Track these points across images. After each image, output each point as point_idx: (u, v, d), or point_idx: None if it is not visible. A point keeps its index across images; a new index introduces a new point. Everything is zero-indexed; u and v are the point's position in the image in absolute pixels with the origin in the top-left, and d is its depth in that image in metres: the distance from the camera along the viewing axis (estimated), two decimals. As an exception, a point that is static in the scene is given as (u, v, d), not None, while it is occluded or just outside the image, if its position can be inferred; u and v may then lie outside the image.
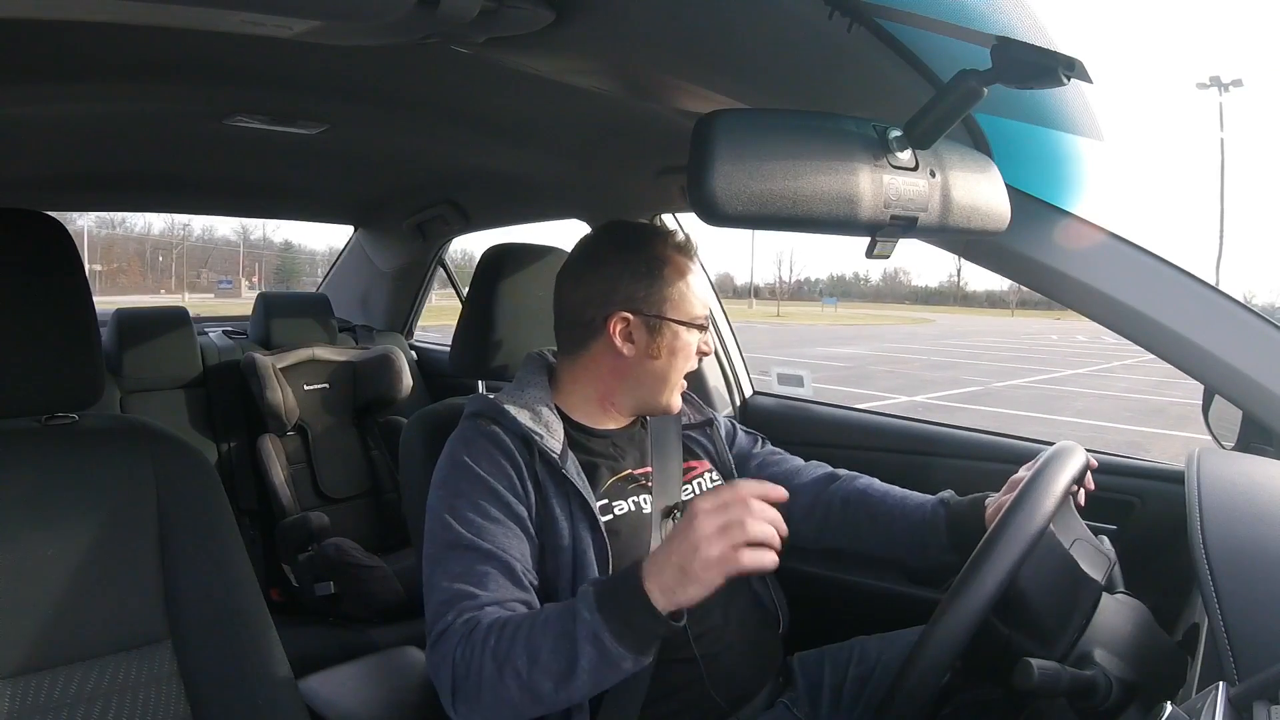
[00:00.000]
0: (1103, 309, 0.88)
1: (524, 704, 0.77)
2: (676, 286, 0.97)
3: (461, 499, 0.89)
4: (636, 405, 1.02)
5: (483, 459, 0.91)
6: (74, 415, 0.82)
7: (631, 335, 0.97)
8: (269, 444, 1.99)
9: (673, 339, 0.97)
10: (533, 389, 0.99)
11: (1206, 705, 0.52)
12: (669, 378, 0.99)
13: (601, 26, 0.79)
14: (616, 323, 0.96)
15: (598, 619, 0.74)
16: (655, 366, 0.98)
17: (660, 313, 0.96)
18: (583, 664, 0.74)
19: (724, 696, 0.95)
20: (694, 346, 0.99)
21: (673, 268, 0.98)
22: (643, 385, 0.99)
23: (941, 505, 1.01)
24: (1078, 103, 0.76)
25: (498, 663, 0.76)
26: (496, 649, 0.77)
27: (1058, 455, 0.85)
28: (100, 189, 1.99)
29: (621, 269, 0.97)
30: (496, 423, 0.94)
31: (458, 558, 0.86)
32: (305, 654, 1.06)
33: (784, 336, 20.10)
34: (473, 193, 2.05)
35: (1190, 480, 0.79)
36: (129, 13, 0.71)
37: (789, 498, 1.09)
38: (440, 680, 0.80)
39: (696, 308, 0.99)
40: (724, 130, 0.62)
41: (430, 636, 0.83)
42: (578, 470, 0.94)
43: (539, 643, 0.76)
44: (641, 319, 0.96)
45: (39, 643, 0.73)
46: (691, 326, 0.98)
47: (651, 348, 0.97)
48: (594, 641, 0.73)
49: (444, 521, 0.88)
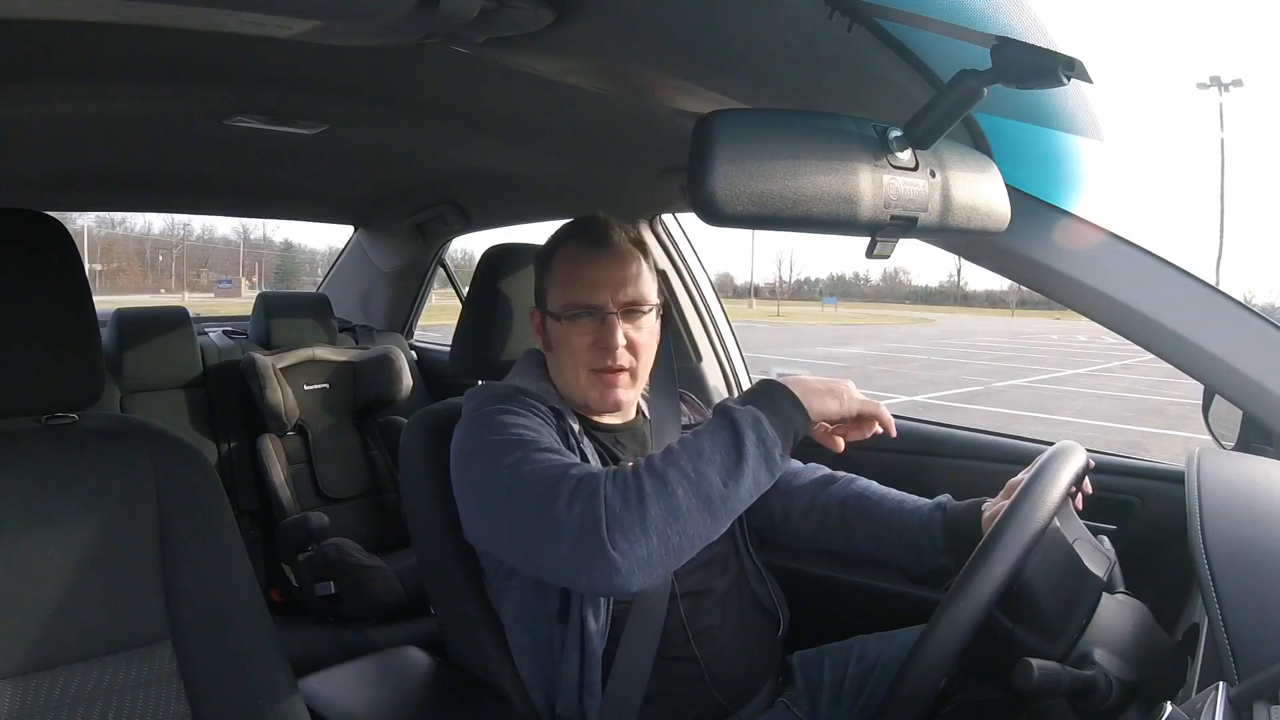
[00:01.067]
0: (1103, 309, 0.88)
1: (691, 511, 0.75)
2: (558, 275, 0.98)
3: (514, 426, 0.87)
4: (571, 401, 1.00)
5: (516, 406, 0.91)
6: (74, 415, 0.82)
7: (539, 330, 1.01)
8: (269, 444, 1.99)
9: (554, 329, 0.98)
10: (541, 380, 1.00)
11: (1206, 705, 0.52)
12: (564, 369, 0.98)
13: (601, 26, 0.79)
14: (532, 318, 1.02)
15: (752, 409, 0.79)
16: (554, 358, 1.00)
17: (545, 305, 0.99)
18: (748, 448, 0.76)
19: (724, 695, 0.95)
20: (576, 339, 0.95)
21: (561, 255, 0.98)
22: (559, 379, 1.01)
23: (938, 509, 1.01)
24: (1078, 103, 0.76)
25: (660, 477, 0.76)
26: (652, 468, 0.77)
27: (1058, 455, 0.85)
28: (100, 189, 1.98)
29: (538, 261, 1.02)
30: (522, 394, 0.94)
31: (541, 456, 0.83)
32: (305, 654, 1.07)
33: (784, 336, 20.12)
34: (473, 193, 2.05)
35: (1190, 480, 0.79)
36: (129, 13, 0.71)
37: (787, 499, 1.10)
38: (588, 523, 0.74)
39: (571, 296, 0.95)
40: (724, 130, 0.62)
41: (559, 497, 0.77)
42: (593, 452, 0.95)
43: (699, 444, 0.77)
44: (540, 312, 1.01)
45: (39, 643, 0.73)
46: (571, 318, 0.95)
47: (547, 340, 1.00)
48: (755, 426, 0.77)
49: (504, 442, 0.85)
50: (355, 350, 2.26)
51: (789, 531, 1.11)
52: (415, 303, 2.61)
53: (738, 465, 0.76)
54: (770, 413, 0.79)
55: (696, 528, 0.76)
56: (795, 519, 1.09)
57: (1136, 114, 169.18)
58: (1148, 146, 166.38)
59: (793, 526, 1.10)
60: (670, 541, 0.75)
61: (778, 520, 1.11)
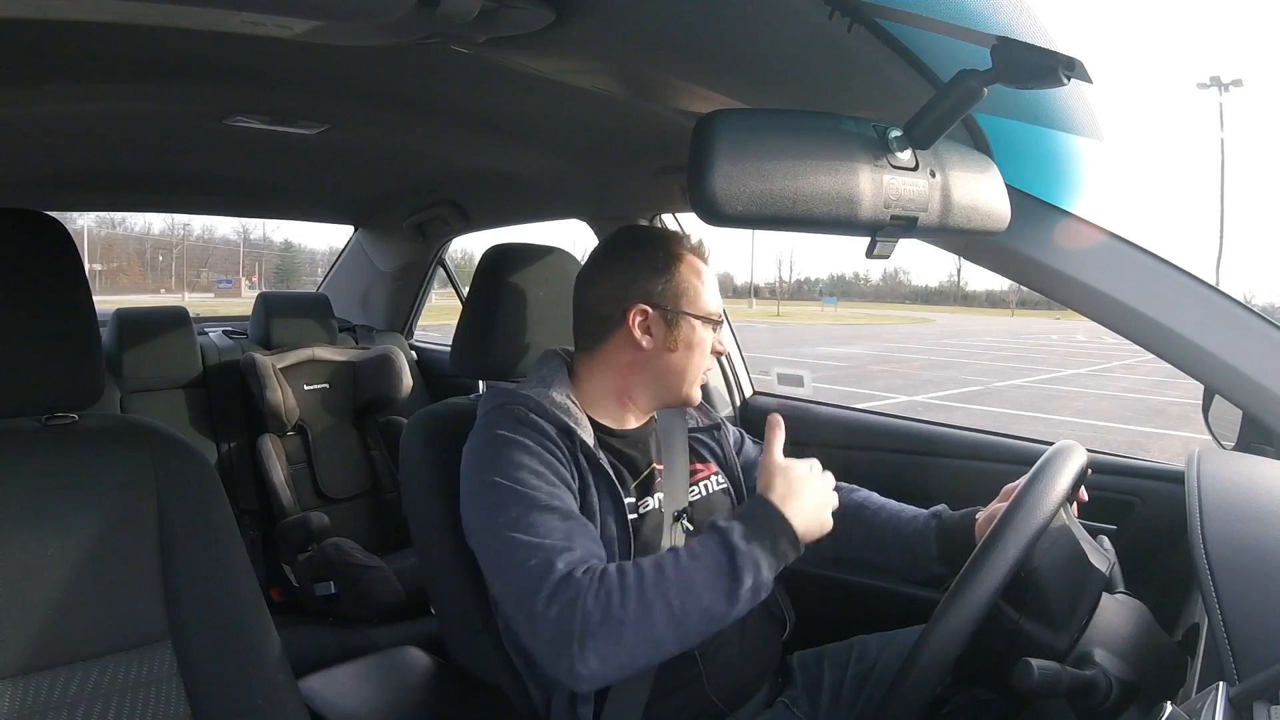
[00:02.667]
0: (1103, 309, 0.88)
1: (666, 641, 0.78)
2: (691, 282, 0.99)
3: (520, 468, 0.88)
4: (655, 398, 1.02)
5: (526, 435, 0.91)
6: (74, 415, 0.82)
7: (650, 328, 0.98)
8: (269, 444, 1.99)
9: (689, 332, 0.98)
10: (559, 386, 0.99)
11: (1206, 705, 0.52)
12: (686, 371, 1.00)
13: (601, 26, 0.79)
14: (635, 315, 0.98)
15: (755, 549, 0.79)
16: (673, 359, 0.99)
17: (677, 306, 0.98)
18: (742, 595, 0.78)
19: (724, 695, 0.95)
20: (709, 343, 1.01)
21: (687, 265, 1.00)
22: (661, 378, 1.00)
23: (933, 518, 1.03)
24: (1078, 103, 0.76)
25: (644, 604, 0.77)
26: (640, 587, 0.77)
27: (1058, 454, 0.85)
28: (100, 189, 1.98)
29: (639, 264, 0.99)
30: (532, 410, 0.94)
31: (538, 518, 0.84)
32: (305, 654, 1.07)
33: (784, 336, 20.10)
34: (473, 193, 2.05)
35: (1190, 480, 0.79)
36: (129, 13, 0.71)
37: None
38: (563, 631, 0.77)
39: (711, 305, 1.00)
40: (724, 130, 0.62)
41: (539, 594, 0.79)
42: (610, 464, 0.95)
43: (692, 577, 0.78)
44: (659, 312, 0.98)
45: (39, 643, 0.73)
46: (707, 322, 1.00)
47: (669, 340, 0.98)
48: (754, 572, 0.79)
49: (503, 488, 0.86)
50: (355, 350, 2.25)
51: None
52: (415, 303, 2.61)
53: (726, 608, 0.78)
54: (769, 553, 0.80)
55: (668, 651, 0.79)
56: None
57: (1137, 114, 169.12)
58: (1148, 146, 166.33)
59: None
60: (638, 663, 0.79)
61: None
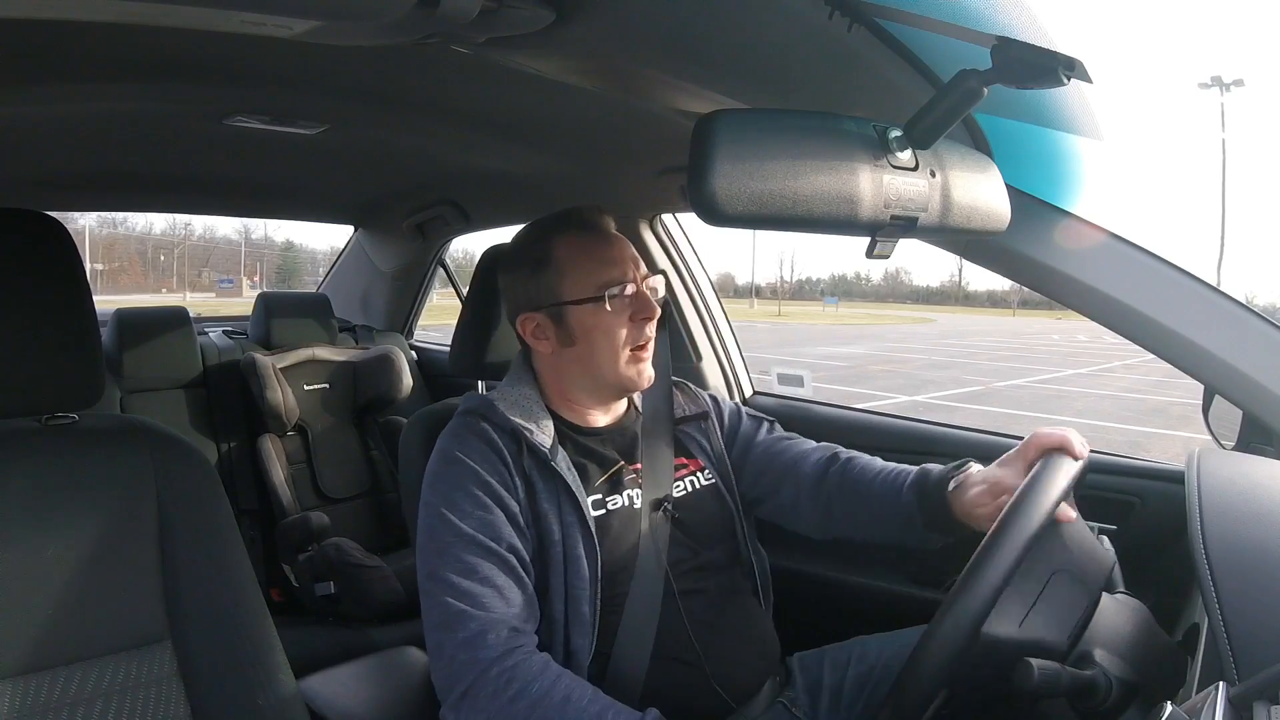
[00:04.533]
0: (1103, 309, 0.88)
1: None
2: (566, 267, 0.96)
3: (457, 491, 0.90)
4: (594, 393, 1.01)
5: (473, 453, 0.92)
6: (74, 415, 0.82)
7: (542, 331, 0.98)
8: (269, 444, 1.99)
9: (582, 319, 0.95)
10: (522, 385, 0.99)
11: (1206, 705, 0.52)
12: (599, 358, 0.96)
13: (601, 26, 0.79)
14: (524, 325, 0.99)
15: None
16: (577, 352, 0.97)
17: (557, 299, 0.96)
18: None
19: (723, 696, 0.95)
20: (617, 319, 0.95)
21: (562, 249, 0.97)
22: (583, 373, 0.98)
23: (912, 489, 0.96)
24: (1078, 103, 0.76)
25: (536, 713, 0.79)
26: (541, 701, 0.79)
27: (1057, 455, 0.85)
28: (100, 189, 1.98)
29: (511, 276, 1.00)
30: (485, 418, 0.95)
31: (460, 553, 0.86)
32: (305, 654, 1.07)
33: (784, 336, 20.09)
34: (473, 193, 2.05)
35: (1190, 480, 0.79)
36: (129, 13, 0.71)
37: (797, 488, 1.05)
38: (456, 678, 0.83)
39: (597, 278, 0.95)
40: (724, 130, 0.61)
41: (451, 639, 0.84)
42: (568, 465, 0.94)
43: None
44: (543, 312, 0.97)
45: (39, 643, 0.73)
46: (595, 300, 0.95)
47: (563, 336, 0.97)
48: None
49: (440, 515, 0.89)
50: (355, 350, 2.26)
51: (802, 521, 1.07)
52: (415, 303, 2.61)
53: None
54: None
55: None
56: (806, 506, 1.05)
57: (1137, 114, 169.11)
58: (1148, 147, 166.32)
59: (803, 514, 1.06)
60: None
61: (787, 508, 1.07)
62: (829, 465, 1.05)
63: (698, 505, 1.03)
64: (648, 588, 0.93)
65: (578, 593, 0.90)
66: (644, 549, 0.95)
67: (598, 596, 0.91)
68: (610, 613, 0.92)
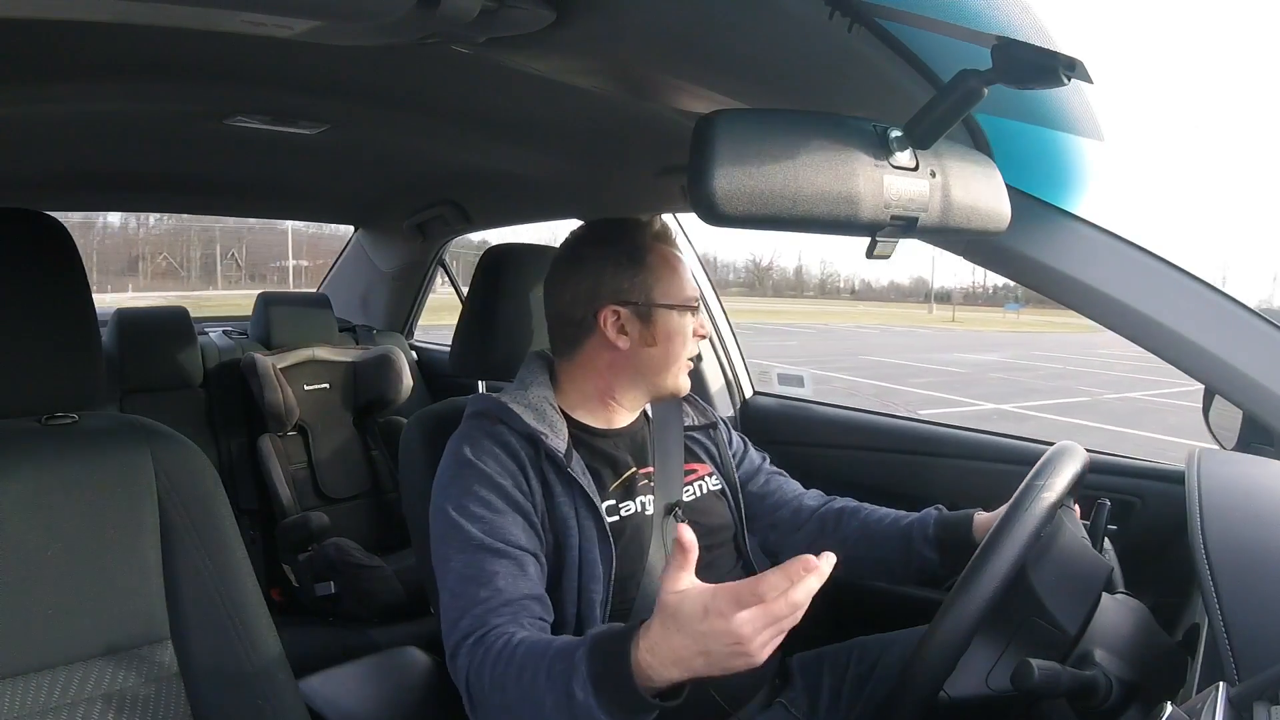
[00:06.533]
0: (1103, 309, 0.88)
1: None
2: (661, 272, 0.98)
3: (469, 496, 0.89)
4: (641, 394, 1.02)
5: (487, 456, 0.91)
6: (74, 415, 0.82)
7: (624, 327, 0.97)
8: (269, 444, 1.99)
9: (666, 324, 0.97)
10: (536, 388, 0.99)
11: (1206, 705, 0.52)
12: (668, 363, 0.99)
13: (601, 26, 0.79)
14: (607, 315, 0.97)
15: (593, 703, 0.70)
16: (653, 354, 0.98)
17: (650, 299, 0.97)
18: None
19: (722, 696, 0.95)
20: (689, 330, 1.00)
21: (655, 254, 0.99)
22: (643, 374, 0.99)
23: (930, 518, 1.02)
24: (1078, 103, 0.76)
25: (505, 701, 0.77)
26: (503, 683, 0.76)
27: (1057, 455, 0.85)
28: (101, 189, 1.98)
29: (604, 263, 0.98)
30: (501, 421, 0.94)
31: (469, 556, 0.86)
32: (305, 654, 1.07)
33: (932, 343, 18.54)
34: (473, 193, 2.05)
35: (1190, 480, 0.79)
36: (129, 13, 0.71)
37: (796, 532, 1.10)
38: (460, 689, 0.83)
39: (685, 290, 0.99)
40: (724, 130, 0.62)
41: (448, 642, 0.84)
42: (583, 469, 0.94)
43: (542, 697, 0.73)
44: (632, 308, 0.97)
45: (39, 643, 0.73)
46: (684, 309, 0.99)
47: (646, 336, 0.97)
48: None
49: (451, 520, 0.88)
50: (355, 350, 2.26)
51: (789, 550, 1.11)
52: (415, 303, 2.61)
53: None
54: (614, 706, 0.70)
55: None
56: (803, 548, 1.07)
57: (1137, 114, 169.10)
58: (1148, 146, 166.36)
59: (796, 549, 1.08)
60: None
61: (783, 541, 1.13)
62: (826, 512, 1.11)
63: (706, 509, 1.04)
64: (656, 591, 0.93)
65: (591, 596, 0.90)
66: (654, 554, 0.95)
67: (609, 602, 0.91)
68: (619, 616, 0.92)
